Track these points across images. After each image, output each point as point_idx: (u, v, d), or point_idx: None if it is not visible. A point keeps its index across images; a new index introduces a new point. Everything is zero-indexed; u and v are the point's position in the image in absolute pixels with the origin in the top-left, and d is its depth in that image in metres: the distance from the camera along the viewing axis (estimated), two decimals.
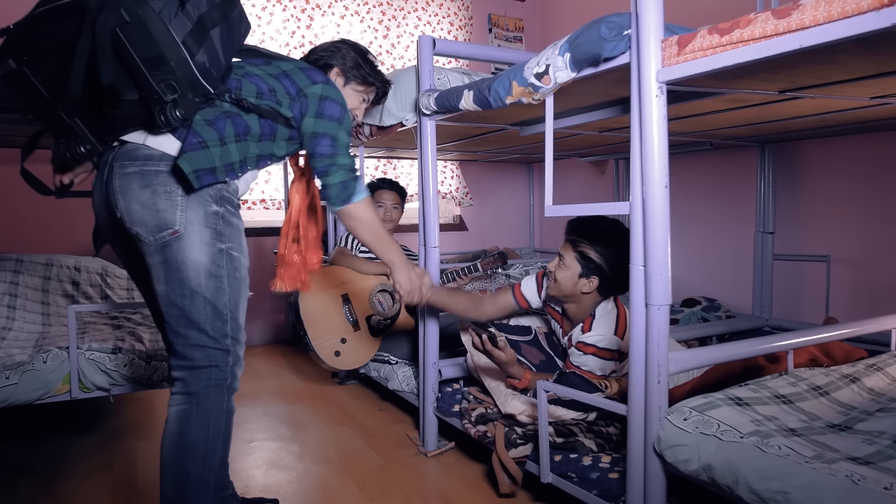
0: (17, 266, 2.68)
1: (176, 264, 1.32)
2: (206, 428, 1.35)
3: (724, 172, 3.37)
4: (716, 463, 1.17)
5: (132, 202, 1.31)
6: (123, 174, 1.32)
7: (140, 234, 1.31)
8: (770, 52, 1.03)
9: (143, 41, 1.17)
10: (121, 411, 2.63)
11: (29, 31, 1.22)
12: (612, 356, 1.86)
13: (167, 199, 1.31)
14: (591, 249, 1.85)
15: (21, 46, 1.23)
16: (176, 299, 1.32)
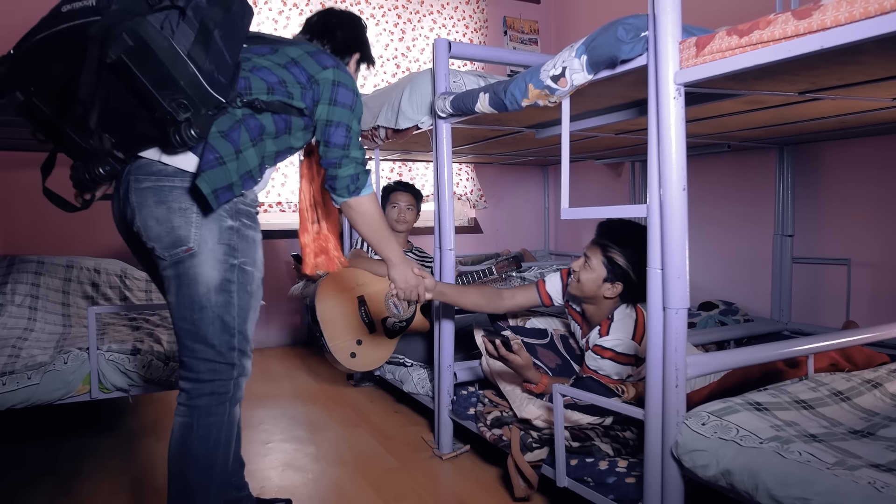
0: (39, 268, 2.72)
1: (188, 280, 1.32)
2: (206, 441, 1.37)
3: (742, 174, 3.33)
4: (735, 468, 1.16)
5: (148, 218, 1.32)
6: (139, 189, 1.32)
7: (155, 248, 1.33)
8: (790, 53, 1.01)
9: (149, 64, 1.15)
10: (139, 412, 2.65)
11: (31, 61, 1.20)
12: (630, 361, 1.85)
13: (182, 216, 1.31)
14: (619, 255, 1.82)
15: (25, 77, 1.21)
16: (186, 313, 1.34)
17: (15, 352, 1.98)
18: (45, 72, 1.20)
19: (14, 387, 1.72)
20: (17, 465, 2.11)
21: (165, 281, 1.35)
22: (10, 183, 3.39)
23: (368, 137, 2.69)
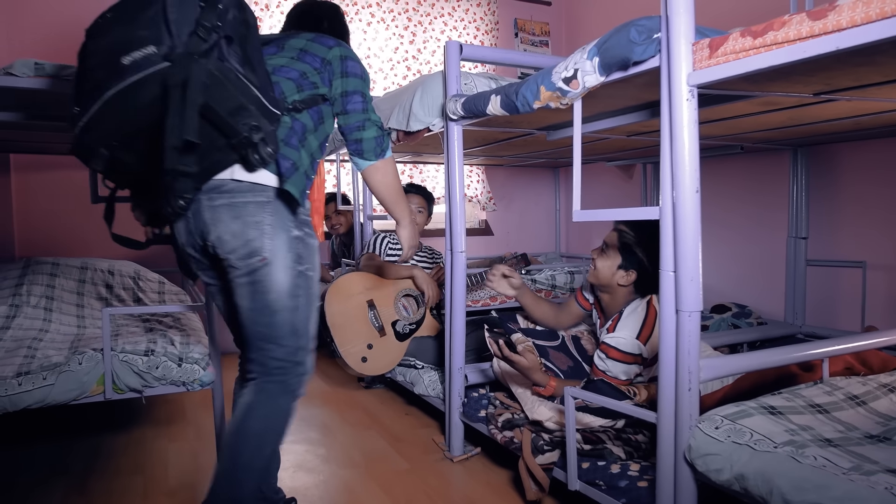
0: (54, 269, 2.75)
1: (262, 287, 1.41)
2: (264, 422, 1.45)
3: (755, 176, 3.31)
4: (749, 473, 1.15)
5: (224, 233, 1.39)
6: (212, 206, 1.38)
7: (230, 259, 1.40)
8: (805, 54, 1.01)
9: (224, 97, 1.23)
10: (152, 412, 2.67)
11: (110, 117, 1.22)
12: (636, 360, 1.85)
13: (256, 228, 1.38)
14: (635, 243, 1.86)
15: (108, 133, 1.24)
16: (259, 318, 1.43)
17: (30, 352, 2.00)
18: (128, 124, 1.23)
19: (30, 387, 1.74)
20: (32, 464, 2.13)
21: (238, 288, 1.43)
22: (27, 185, 3.43)
23: None
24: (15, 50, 3.27)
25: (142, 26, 1.20)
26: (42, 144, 2.98)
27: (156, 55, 1.18)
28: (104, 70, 1.20)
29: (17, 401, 1.73)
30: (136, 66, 1.17)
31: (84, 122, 1.22)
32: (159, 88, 1.18)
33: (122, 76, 1.17)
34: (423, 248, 3.18)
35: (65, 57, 3.09)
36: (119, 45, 1.19)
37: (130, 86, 1.18)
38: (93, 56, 1.25)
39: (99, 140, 1.24)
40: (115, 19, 1.24)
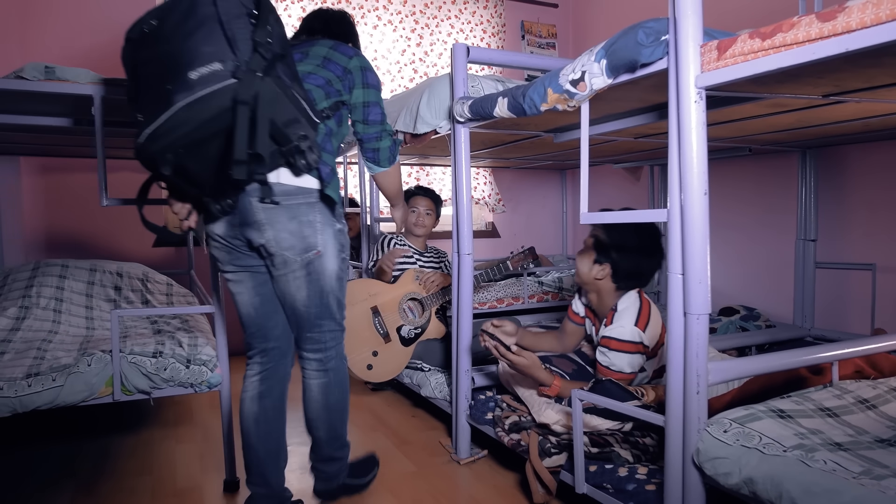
0: (63, 271, 2.76)
1: (317, 275, 1.64)
2: (342, 391, 1.80)
3: (763, 178, 3.29)
4: (758, 477, 1.14)
5: (281, 231, 1.57)
6: (267, 209, 1.54)
7: (287, 255, 1.59)
8: (815, 55, 1.00)
9: (282, 110, 1.36)
10: (160, 413, 2.68)
11: (177, 128, 1.30)
12: (638, 349, 1.86)
13: (309, 227, 1.59)
14: (605, 236, 1.94)
15: (175, 142, 1.33)
16: (315, 300, 1.67)
17: (40, 353, 2.01)
18: (195, 133, 1.32)
19: (39, 388, 1.74)
20: (41, 465, 2.15)
21: (291, 279, 1.63)
22: (37, 188, 3.45)
23: None
24: (28, 52, 3.30)
25: (204, 42, 1.30)
26: (52, 147, 3.01)
27: (223, 72, 1.29)
28: (171, 82, 1.29)
29: (27, 402, 1.73)
30: (204, 81, 1.28)
31: (152, 129, 1.31)
32: (228, 102, 1.30)
33: (192, 90, 1.27)
34: (428, 248, 3.18)
35: (75, 59, 3.13)
36: (184, 59, 1.29)
37: (199, 99, 1.28)
38: (148, 65, 1.34)
39: (166, 147, 1.33)
40: (170, 31, 1.32)
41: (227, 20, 1.31)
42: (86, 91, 1.72)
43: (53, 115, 2.05)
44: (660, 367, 1.98)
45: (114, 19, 3.50)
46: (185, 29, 1.31)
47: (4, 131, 2.35)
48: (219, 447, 2.26)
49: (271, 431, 1.77)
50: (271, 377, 1.77)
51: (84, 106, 1.78)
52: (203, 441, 2.38)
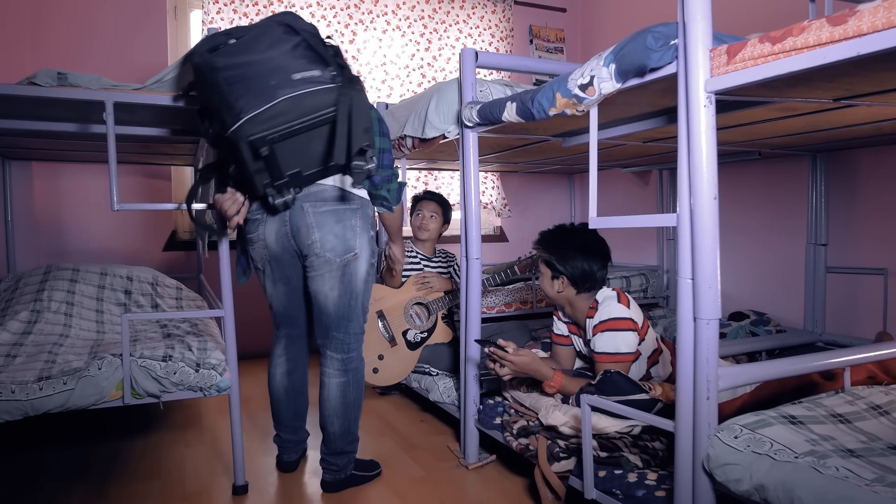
0: (74, 276, 2.78)
1: (350, 276, 1.85)
2: (358, 389, 1.99)
3: (773, 182, 3.27)
4: (769, 483, 1.13)
5: (327, 234, 1.80)
6: (318, 212, 1.80)
7: (329, 256, 1.81)
8: (826, 59, 1.00)
9: (365, 118, 1.61)
10: (169, 417, 2.70)
11: (278, 114, 1.54)
12: (628, 325, 1.89)
13: (351, 230, 1.83)
14: (548, 255, 2.04)
15: (270, 127, 1.54)
16: (345, 300, 1.87)
17: (51, 357, 2.02)
18: (295, 124, 1.56)
19: (51, 391, 1.75)
20: (52, 468, 2.16)
21: (327, 278, 1.84)
22: (48, 193, 3.48)
23: (395, 147, 2.71)
24: (40, 58, 3.34)
25: (301, 56, 1.58)
26: (63, 153, 3.03)
27: (322, 77, 1.57)
28: (275, 80, 1.54)
29: (38, 405, 1.74)
30: (306, 81, 1.55)
31: (253, 114, 1.52)
32: (329, 102, 1.56)
33: (295, 87, 1.54)
34: (437, 253, 3.18)
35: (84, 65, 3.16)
36: (286, 65, 1.56)
37: (303, 94, 1.54)
38: (239, 68, 1.56)
39: (265, 131, 1.54)
40: (264, 46, 1.59)
41: (314, 43, 1.62)
42: (98, 97, 1.74)
43: (65, 121, 2.07)
44: (653, 353, 1.98)
45: (121, 26, 3.54)
46: (280, 47, 1.59)
47: (18, 136, 2.38)
48: (227, 451, 2.27)
49: (298, 397, 2.13)
50: (297, 357, 2.11)
51: (95, 111, 1.80)
52: (212, 445, 2.39)
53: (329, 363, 1.95)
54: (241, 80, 1.55)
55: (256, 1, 3.70)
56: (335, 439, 1.98)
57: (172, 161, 3.45)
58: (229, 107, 1.54)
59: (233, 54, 1.59)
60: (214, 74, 1.57)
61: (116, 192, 1.76)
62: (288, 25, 1.63)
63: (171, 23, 3.72)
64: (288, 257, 1.89)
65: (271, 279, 1.97)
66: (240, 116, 1.52)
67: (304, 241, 1.82)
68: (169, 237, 3.76)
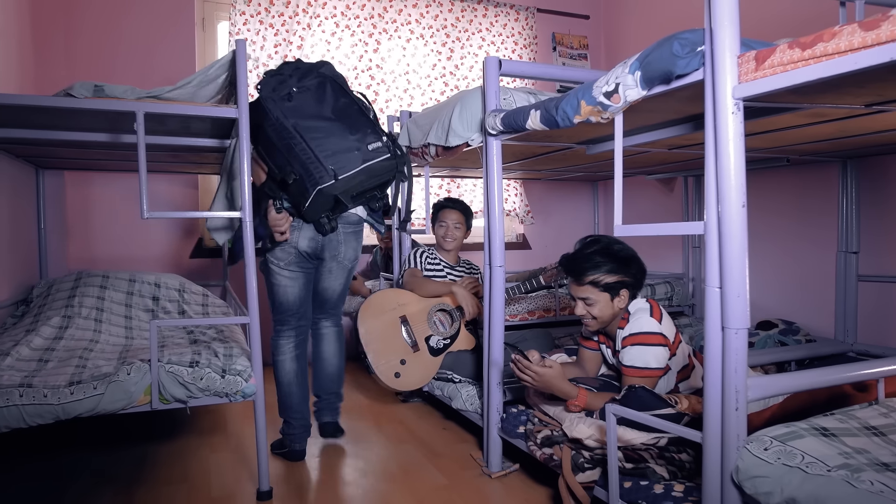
0: (104, 282, 2.84)
1: (349, 275, 2.43)
2: (344, 348, 2.56)
3: (802, 189, 3.22)
4: (801, 497, 1.11)
5: (349, 248, 2.35)
6: (346, 232, 2.31)
7: (346, 263, 2.37)
8: (857, 65, 0.98)
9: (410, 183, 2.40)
10: (195, 423, 2.73)
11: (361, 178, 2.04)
12: (659, 340, 1.85)
13: (360, 244, 2.40)
14: (602, 275, 1.92)
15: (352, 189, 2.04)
16: (344, 290, 2.46)
17: (82, 362, 2.06)
18: (365, 184, 2.07)
19: (81, 396, 1.79)
20: (82, 471, 2.20)
21: (337, 275, 2.38)
22: (79, 201, 3.56)
23: (419, 155, 2.72)
24: (73, 70, 3.42)
25: (366, 124, 2.09)
26: (94, 162, 3.10)
27: (383, 148, 2.07)
28: (356, 150, 2.03)
29: (69, 409, 1.78)
30: (377, 152, 2.05)
31: (344, 176, 2.00)
32: (391, 171, 2.10)
33: (370, 156, 2.04)
34: (460, 262, 3.18)
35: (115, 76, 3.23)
36: (359, 133, 2.06)
37: (375, 164, 2.04)
38: (311, 131, 2.01)
39: (346, 189, 2.03)
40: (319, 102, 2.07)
41: (364, 108, 2.13)
42: (129, 107, 1.78)
43: (97, 131, 2.12)
44: (683, 368, 1.95)
45: (150, 37, 3.61)
46: (347, 110, 2.09)
47: (51, 146, 2.44)
48: (252, 457, 2.29)
49: (304, 380, 2.39)
50: (302, 344, 2.40)
51: (126, 121, 1.84)
52: (237, 450, 2.41)
53: (327, 328, 2.51)
54: (325, 141, 2.00)
55: (282, 12, 3.75)
56: (334, 380, 2.51)
57: (199, 170, 3.51)
58: (319, 165, 1.97)
59: (304, 111, 2.03)
60: (291, 123, 2.00)
61: (146, 201, 1.79)
62: (340, 86, 2.13)
63: (199, 34, 3.79)
64: (312, 259, 2.31)
65: (291, 276, 2.30)
66: (335, 175, 1.98)
67: (331, 251, 2.30)
68: (196, 245, 3.82)
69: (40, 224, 3.14)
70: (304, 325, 2.39)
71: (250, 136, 1.93)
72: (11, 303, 2.72)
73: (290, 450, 2.32)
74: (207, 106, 1.95)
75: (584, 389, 1.89)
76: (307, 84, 2.07)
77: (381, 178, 2.08)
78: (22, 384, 1.78)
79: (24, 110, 1.84)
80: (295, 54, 3.79)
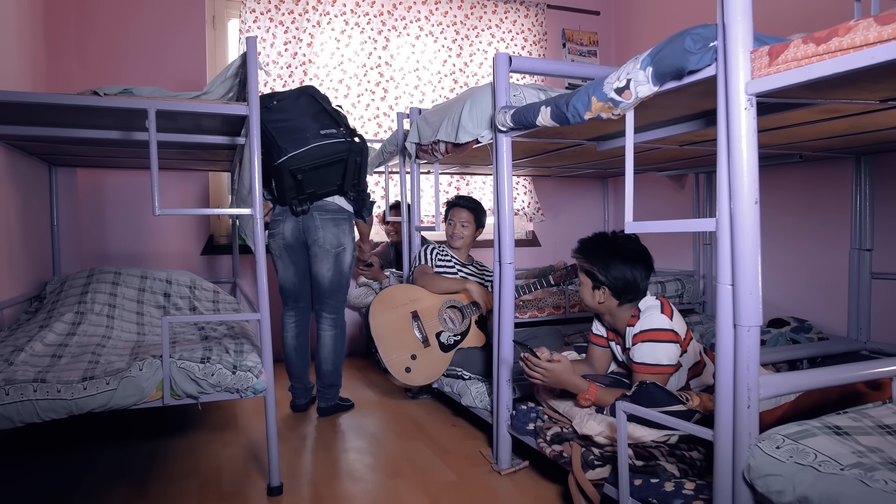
0: (116, 279, 2.86)
1: (339, 262, 2.69)
2: (342, 340, 2.80)
3: (815, 186, 3.19)
4: (814, 496, 1.10)
5: (328, 234, 2.64)
6: (323, 219, 2.63)
7: (327, 247, 2.65)
8: (873, 60, 0.97)
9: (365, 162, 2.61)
10: (206, 418, 2.75)
11: (309, 156, 2.42)
12: (670, 336, 1.85)
13: (342, 232, 2.68)
14: (590, 266, 1.98)
15: (303, 162, 2.43)
16: (335, 279, 2.70)
17: (94, 358, 2.08)
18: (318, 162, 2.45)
19: (94, 391, 1.80)
20: (95, 465, 2.22)
21: (323, 262, 2.67)
22: (92, 199, 3.59)
23: (428, 152, 2.72)
24: (86, 68, 3.45)
25: (323, 118, 2.50)
26: (106, 160, 3.12)
27: (337, 133, 2.47)
28: (308, 133, 2.43)
29: (82, 404, 1.79)
30: (328, 136, 2.45)
31: (293, 154, 2.39)
32: (343, 151, 2.47)
33: (319, 138, 2.44)
34: (473, 261, 3.18)
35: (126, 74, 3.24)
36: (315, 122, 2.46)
37: (325, 144, 2.44)
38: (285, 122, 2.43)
39: (300, 165, 2.42)
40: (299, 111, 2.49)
41: (329, 109, 2.54)
42: (141, 105, 1.79)
43: (110, 129, 2.14)
44: (694, 365, 1.94)
45: (162, 35, 3.63)
46: (310, 110, 2.50)
47: (64, 144, 2.46)
48: (263, 452, 2.30)
49: (304, 353, 2.83)
50: (301, 323, 2.82)
51: (138, 119, 1.85)
52: (247, 446, 2.43)
53: (324, 321, 2.76)
54: (284, 131, 2.41)
55: (292, 10, 3.76)
56: (328, 375, 2.77)
57: (210, 167, 3.52)
58: (277, 147, 2.39)
59: (277, 112, 2.45)
60: (266, 125, 2.34)
61: (158, 198, 1.80)
62: (311, 96, 2.55)
63: (210, 32, 3.80)
64: (298, 247, 2.67)
65: (284, 263, 2.72)
66: (285, 153, 2.38)
67: (311, 236, 2.63)
68: (206, 242, 3.84)
69: (53, 221, 3.17)
70: (302, 306, 2.81)
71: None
72: (25, 299, 2.75)
73: (293, 403, 2.87)
74: (218, 103, 1.96)
75: (595, 384, 1.88)
76: (284, 95, 2.53)
77: (332, 157, 2.44)
78: (36, 379, 1.79)
79: (39, 108, 1.86)
80: (304, 52, 3.80)
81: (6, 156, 2.52)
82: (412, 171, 3.16)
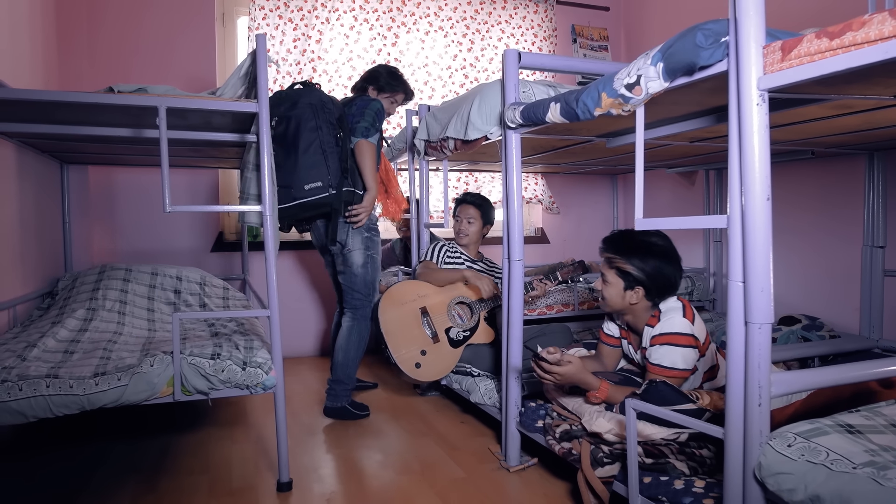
0: (127, 275, 2.88)
1: (349, 262, 2.71)
2: (358, 336, 2.76)
3: (827, 182, 3.16)
4: (825, 494, 1.09)
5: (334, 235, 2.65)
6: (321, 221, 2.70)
7: (334, 250, 2.70)
8: (888, 55, 0.96)
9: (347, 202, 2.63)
10: (216, 414, 2.76)
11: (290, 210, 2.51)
12: (690, 342, 1.82)
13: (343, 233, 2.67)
14: (626, 264, 1.90)
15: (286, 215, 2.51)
16: (348, 278, 2.73)
17: (106, 354, 2.09)
18: (300, 215, 2.59)
19: (105, 387, 1.82)
20: (107, 460, 2.24)
21: (338, 262, 2.74)
22: (103, 196, 3.62)
23: (437, 149, 2.72)
24: (96, 65, 3.47)
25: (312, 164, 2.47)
26: (117, 157, 3.14)
27: (322, 188, 2.49)
28: (292, 188, 2.49)
29: (94, 400, 1.81)
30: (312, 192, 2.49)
31: (280, 207, 2.42)
32: (326, 208, 2.54)
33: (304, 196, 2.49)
34: (483, 258, 3.18)
35: (136, 71, 3.25)
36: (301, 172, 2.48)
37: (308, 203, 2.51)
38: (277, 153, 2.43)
39: (282, 216, 2.47)
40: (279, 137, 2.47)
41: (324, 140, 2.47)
42: (151, 102, 1.80)
43: (121, 126, 2.15)
44: (710, 368, 1.93)
45: (171, 33, 3.64)
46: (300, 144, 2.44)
47: (76, 141, 2.48)
48: (272, 448, 2.31)
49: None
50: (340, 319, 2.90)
51: (149, 116, 1.86)
52: (257, 442, 2.44)
53: (346, 313, 2.79)
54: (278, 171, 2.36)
55: (301, 7, 3.76)
56: (337, 367, 2.74)
57: (220, 164, 3.54)
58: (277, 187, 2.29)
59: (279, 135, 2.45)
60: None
61: (168, 195, 1.81)
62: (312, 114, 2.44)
63: (219, 29, 3.81)
64: (324, 252, 2.88)
65: (326, 263, 2.96)
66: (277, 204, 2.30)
67: (320, 240, 2.79)
68: (216, 238, 3.86)
69: (65, 218, 3.20)
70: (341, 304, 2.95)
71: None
72: (37, 295, 2.77)
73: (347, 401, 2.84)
74: (228, 100, 1.96)
75: (606, 381, 1.87)
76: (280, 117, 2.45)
77: (316, 211, 2.50)
78: (49, 375, 1.81)
79: (51, 106, 1.87)
80: (314, 48, 3.80)
81: (19, 153, 2.54)
82: (421, 168, 3.16)
